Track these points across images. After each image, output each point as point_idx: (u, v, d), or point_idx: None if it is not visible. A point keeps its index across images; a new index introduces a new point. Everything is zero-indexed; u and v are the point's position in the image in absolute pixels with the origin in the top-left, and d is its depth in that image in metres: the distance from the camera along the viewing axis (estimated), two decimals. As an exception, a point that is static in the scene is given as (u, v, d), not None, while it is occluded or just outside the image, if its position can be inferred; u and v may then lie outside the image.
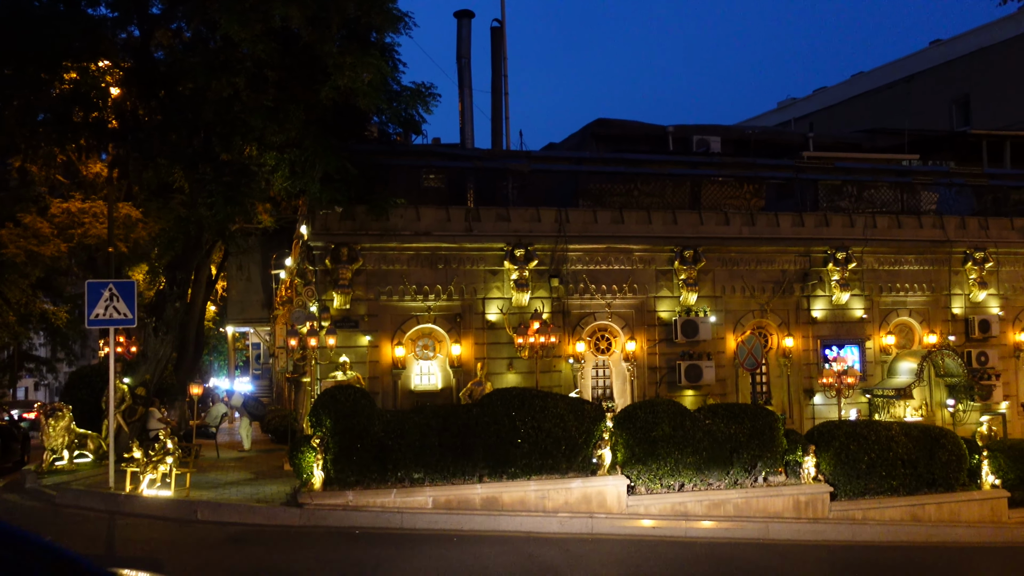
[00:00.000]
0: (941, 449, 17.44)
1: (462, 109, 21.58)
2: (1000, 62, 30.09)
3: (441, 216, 18.51)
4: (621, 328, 19.36)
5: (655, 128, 23.86)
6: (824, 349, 20.27)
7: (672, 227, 19.63)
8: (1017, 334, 21.86)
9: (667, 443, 15.96)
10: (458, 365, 18.42)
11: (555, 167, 20.45)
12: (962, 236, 21.45)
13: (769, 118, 40.95)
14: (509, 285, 18.62)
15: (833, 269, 20.27)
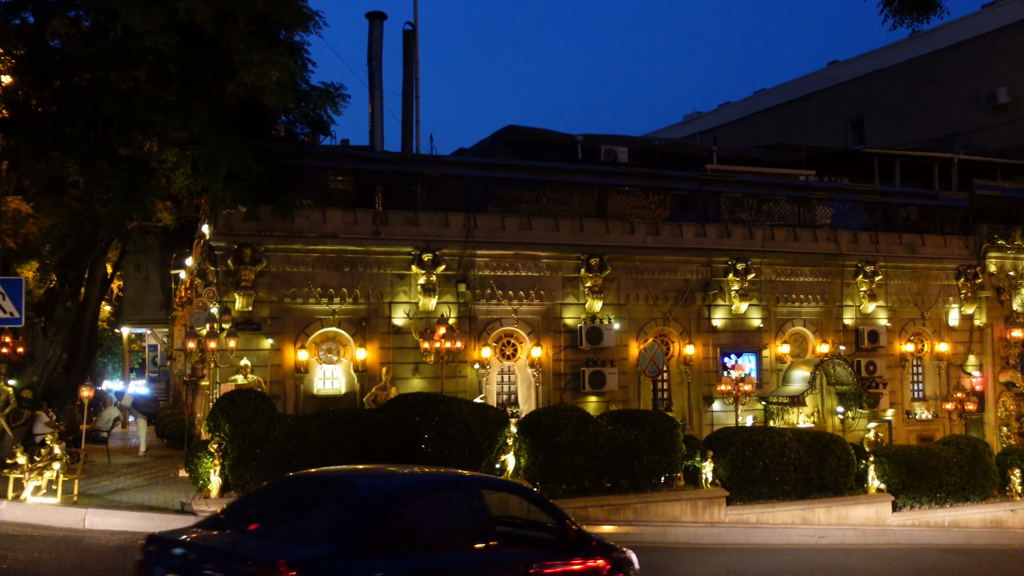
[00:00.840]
0: (831, 455, 18.12)
1: (372, 111, 21.38)
2: (892, 85, 31.50)
3: (348, 218, 18.29)
4: (527, 334, 19.48)
5: (564, 137, 24.11)
6: (723, 357, 20.81)
7: (579, 235, 19.87)
8: (903, 344, 22.86)
9: (570, 449, 16.12)
10: (363, 370, 18.22)
11: (465, 172, 20.46)
12: (854, 250, 22.33)
13: (675, 131, 41.86)
14: (416, 290, 18.53)
15: (733, 279, 20.84)
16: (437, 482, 7.42)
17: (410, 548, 6.29)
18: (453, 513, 6.82)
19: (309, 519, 6.37)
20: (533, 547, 7.35)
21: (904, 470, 18.75)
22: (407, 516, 6.46)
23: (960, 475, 19.18)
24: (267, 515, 6.74)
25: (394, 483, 6.95)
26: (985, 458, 19.83)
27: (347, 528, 6.05)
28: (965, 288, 23.35)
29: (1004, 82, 27.32)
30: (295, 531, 6.21)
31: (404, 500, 6.67)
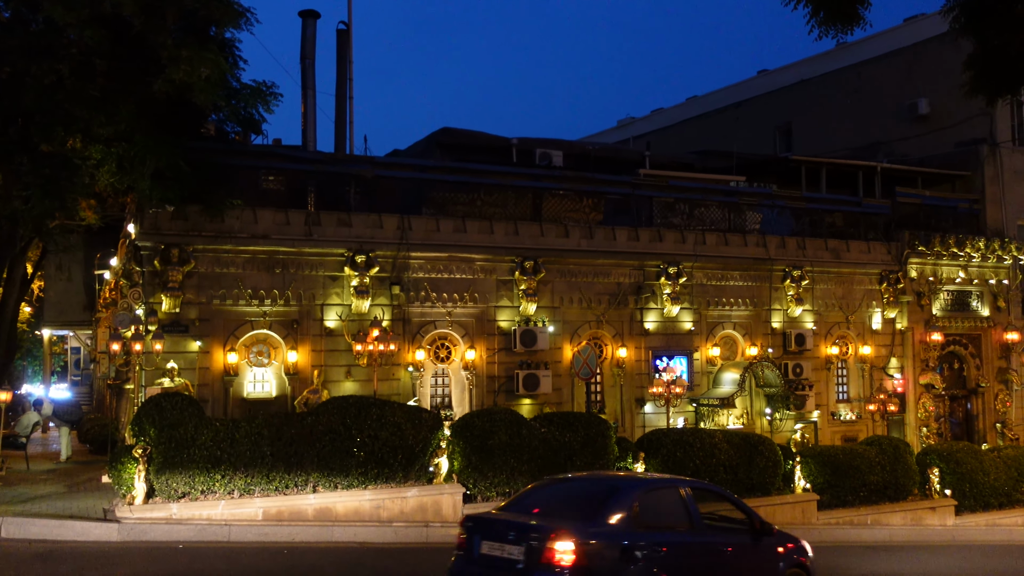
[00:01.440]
0: (759, 455, 18.46)
1: (305, 111, 21.10)
2: (819, 94, 32.31)
3: (280, 219, 18.02)
4: (461, 337, 19.44)
5: (500, 140, 24.13)
6: (655, 360, 21.06)
7: (514, 238, 19.91)
8: (829, 347, 23.45)
9: (503, 451, 16.12)
10: (294, 372, 17.96)
11: (399, 174, 20.33)
12: (782, 255, 22.83)
13: (609, 135, 42.26)
14: (349, 291, 18.34)
15: (665, 283, 21.11)
16: (658, 481, 10.52)
17: (644, 527, 9.11)
18: (671, 504, 9.56)
19: (573, 506, 9.25)
20: (730, 533, 10.08)
21: (829, 470, 19.20)
22: (640, 504, 9.23)
23: (882, 474, 19.73)
24: (542, 504, 9.53)
25: (629, 481, 10.22)
26: (906, 458, 20.42)
27: (602, 511, 8.93)
28: (887, 293, 24.05)
29: (925, 94, 28.23)
30: (565, 513, 9.03)
31: (638, 492, 9.46)
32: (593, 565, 8.42)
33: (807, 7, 10.20)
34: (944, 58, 23.50)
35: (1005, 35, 9.49)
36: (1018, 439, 25.20)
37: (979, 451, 22.02)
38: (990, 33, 9.61)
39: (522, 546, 8.57)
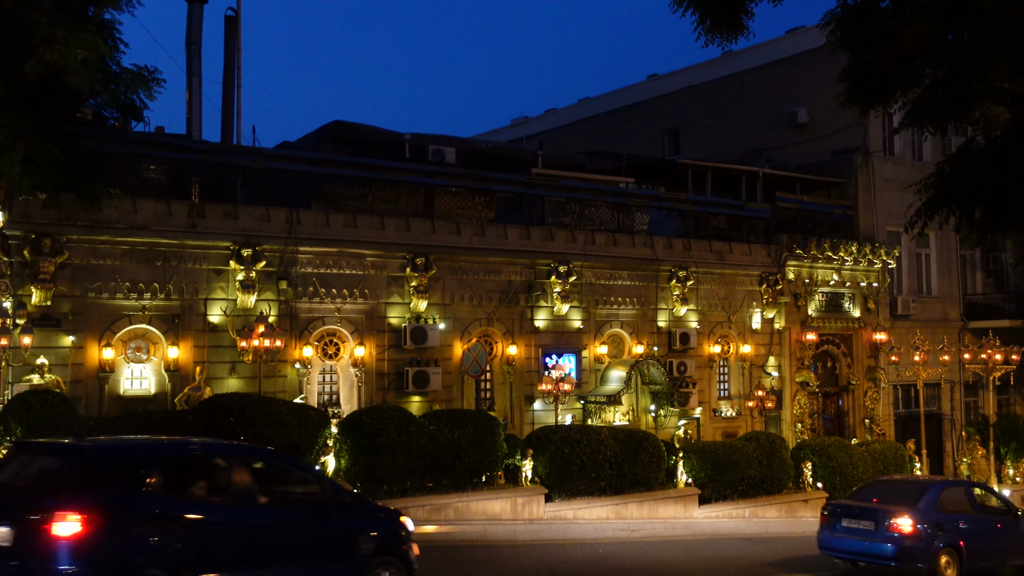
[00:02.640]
0: (644, 451, 18.91)
1: (190, 99, 20.36)
2: (706, 100, 33.22)
3: (162, 210, 17.35)
4: (351, 333, 19.17)
5: (392, 135, 23.90)
6: (545, 357, 21.26)
7: (405, 234, 19.75)
8: (711, 346, 24.17)
9: (392, 449, 16.02)
10: (175, 369, 17.34)
11: (288, 166, 19.87)
12: (668, 255, 23.40)
13: (503, 134, 42.43)
14: (234, 286, 17.83)
15: (555, 282, 21.34)
16: (953, 482, 16.36)
17: (946, 511, 14.28)
18: (961, 497, 15.08)
19: (901, 498, 14.48)
20: (998, 515, 15.82)
21: (710, 465, 19.82)
22: (943, 496, 14.52)
23: (760, 469, 20.49)
24: (877, 496, 14.89)
25: (935, 481, 16.15)
26: (782, 452, 21.27)
27: (921, 500, 14.22)
28: (767, 294, 24.96)
29: (804, 103, 29.39)
30: (897, 501, 14.30)
31: (941, 488, 14.85)
32: (919, 533, 13.71)
33: (694, 14, 10.49)
34: (822, 69, 24.47)
35: (877, 50, 9.98)
36: (884, 434, 26.59)
37: (849, 445, 23.14)
38: (863, 47, 10.10)
39: (872, 520, 14.02)
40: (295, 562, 8.77)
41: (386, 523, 9.95)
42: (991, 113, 9.78)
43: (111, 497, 7.49)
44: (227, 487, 8.57)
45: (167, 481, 7.96)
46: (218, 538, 8.22)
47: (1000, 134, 9.11)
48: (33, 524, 7.10)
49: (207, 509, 8.23)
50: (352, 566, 9.25)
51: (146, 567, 7.46)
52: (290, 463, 10.19)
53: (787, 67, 30.27)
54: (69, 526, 7.03)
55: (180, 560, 7.70)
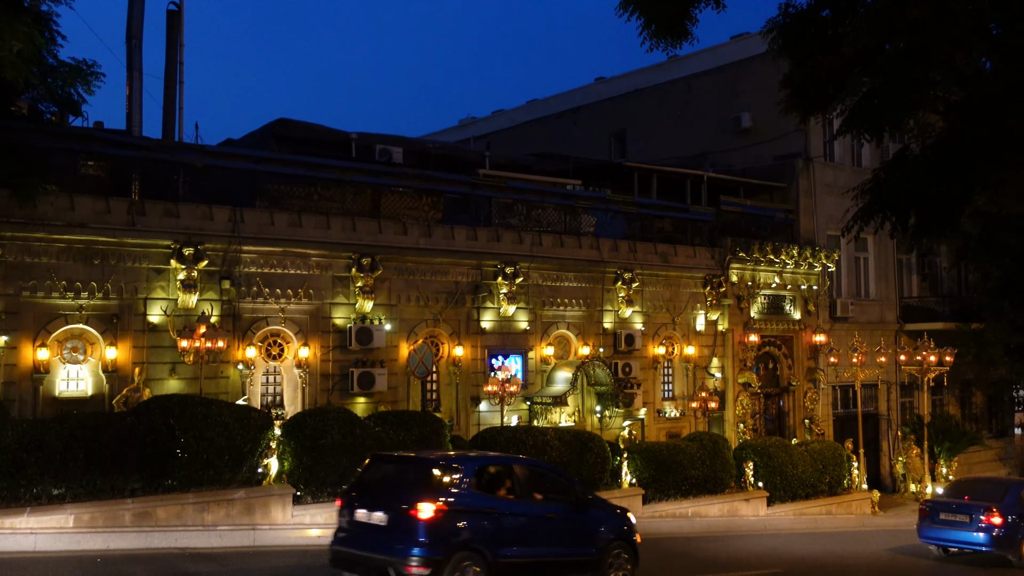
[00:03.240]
0: (589, 452, 19.04)
1: (130, 94, 19.94)
2: (652, 103, 33.56)
3: (100, 207, 16.96)
4: (295, 334, 18.95)
5: (339, 134, 23.68)
6: (491, 358, 21.27)
7: (351, 234, 19.60)
8: (656, 347, 24.40)
9: (336, 451, 15.90)
10: (113, 370, 16.95)
11: (232, 164, 19.56)
12: (614, 257, 23.58)
13: (450, 134, 42.34)
14: (175, 285, 17.51)
15: (502, 283, 21.36)
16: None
17: None
18: None
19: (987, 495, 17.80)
20: None
21: (654, 465, 20.04)
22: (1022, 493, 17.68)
23: (703, 468, 20.77)
24: (968, 494, 18.11)
25: (1014, 481, 19.79)
26: (724, 452, 21.60)
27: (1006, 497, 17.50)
28: (711, 296, 25.30)
29: (748, 108, 29.85)
30: (984, 498, 17.59)
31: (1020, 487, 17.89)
32: (1006, 523, 17.02)
33: (640, 19, 10.58)
34: (765, 75, 24.85)
35: (816, 58, 10.19)
36: (824, 434, 27.14)
37: (789, 445, 23.59)
38: (803, 55, 10.30)
39: (968, 515, 17.39)
40: (559, 543, 12.14)
41: (618, 517, 13.14)
42: (926, 121, 10.05)
43: (448, 493, 11.05)
44: (514, 488, 12.00)
45: (478, 483, 11.59)
46: (510, 523, 11.66)
47: (934, 142, 9.38)
48: (402, 511, 10.83)
49: (502, 503, 11.73)
50: (596, 548, 12.49)
51: (469, 540, 11.03)
52: (554, 471, 13.51)
53: (731, 72, 30.73)
54: (424, 512, 10.70)
55: (487, 536, 11.24)
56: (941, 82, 9.76)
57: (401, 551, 10.63)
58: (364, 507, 11.26)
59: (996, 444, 33.28)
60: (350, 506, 11.49)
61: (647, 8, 10.34)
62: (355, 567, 11.25)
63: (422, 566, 10.54)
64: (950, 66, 8.89)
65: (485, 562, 11.00)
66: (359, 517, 11.28)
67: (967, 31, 8.68)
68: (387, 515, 10.95)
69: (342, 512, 11.61)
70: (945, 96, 10.18)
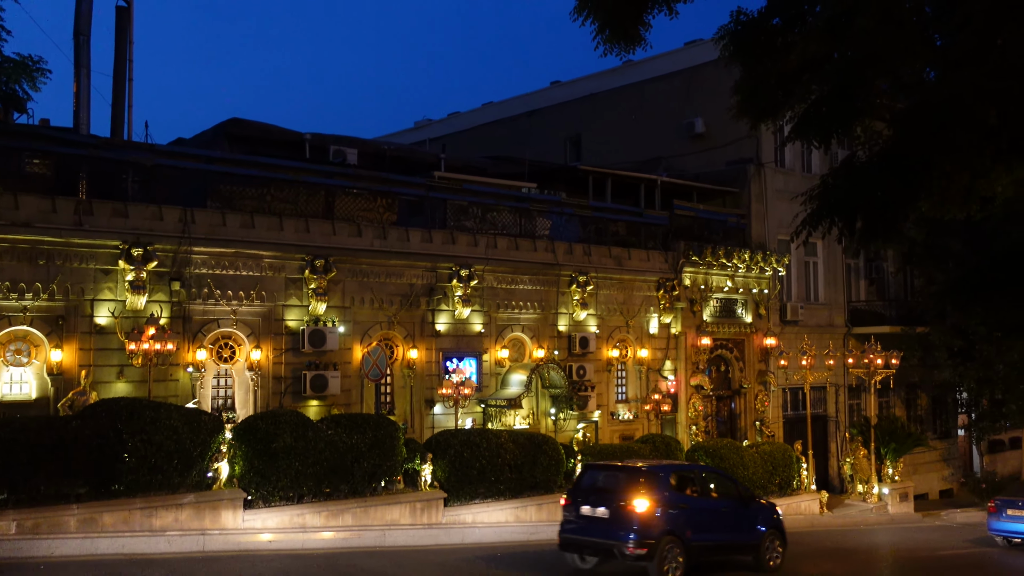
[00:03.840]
0: (543, 454, 19.10)
1: (77, 91, 19.55)
2: (607, 108, 33.78)
3: (46, 206, 16.60)
4: (247, 336, 18.73)
5: (292, 134, 23.47)
6: (446, 361, 21.22)
7: (304, 235, 19.43)
8: (610, 350, 24.56)
9: (288, 454, 15.75)
10: (58, 373, 16.60)
11: (183, 164, 19.29)
12: (569, 260, 23.69)
13: (406, 136, 42.19)
14: (124, 286, 17.20)
15: (457, 285, 21.33)
16: None
17: None
18: None
19: None
20: None
21: (608, 467, 20.11)
22: None
23: (655, 470, 20.90)
24: None
25: None
26: (677, 454, 21.80)
27: None
28: (664, 299, 25.52)
29: (701, 113, 30.18)
30: None
31: None
32: None
33: (594, 24, 10.65)
34: (718, 81, 25.08)
35: (767, 65, 10.35)
36: (774, 435, 27.52)
37: (740, 447, 23.88)
38: (754, 62, 10.45)
39: None
40: (730, 530, 15.39)
41: (770, 510, 16.31)
42: (873, 129, 10.25)
43: (654, 493, 14.17)
44: (697, 488, 15.37)
45: (674, 485, 14.83)
46: (696, 514, 14.74)
47: (880, 149, 9.57)
48: (620, 507, 14.04)
49: (691, 500, 14.96)
50: (755, 535, 15.64)
51: (671, 528, 14.06)
52: (724, 475, 17.07)
53: (685, 78, 31.04)
54: (639, 507, 13.93)
55: (682, 525, 14.31)
56: (887, 90, 9.98)
57: (623, 536, 13.82)
58: (588, 504, 14.48)
59: (940, 445, 34.06)
60: (576, 504, 14.71)
61: (601, 13, 10.41)
62: (584, 549, 14.71)
63: (639, 547, 13.70)
64: (895, 75, 9.10)
65: (682, 544, 14.16)
66: (584, 512, 14.48)
67: (912, 41, 8.88)
68: (608, 510, 14.14)
69: (569, 508, 14.81)
70: (891, 104, 10.40)
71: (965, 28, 8.73)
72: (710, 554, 15.11)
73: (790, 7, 10.42)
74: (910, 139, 8.93)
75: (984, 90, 8.47)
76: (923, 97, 9.12)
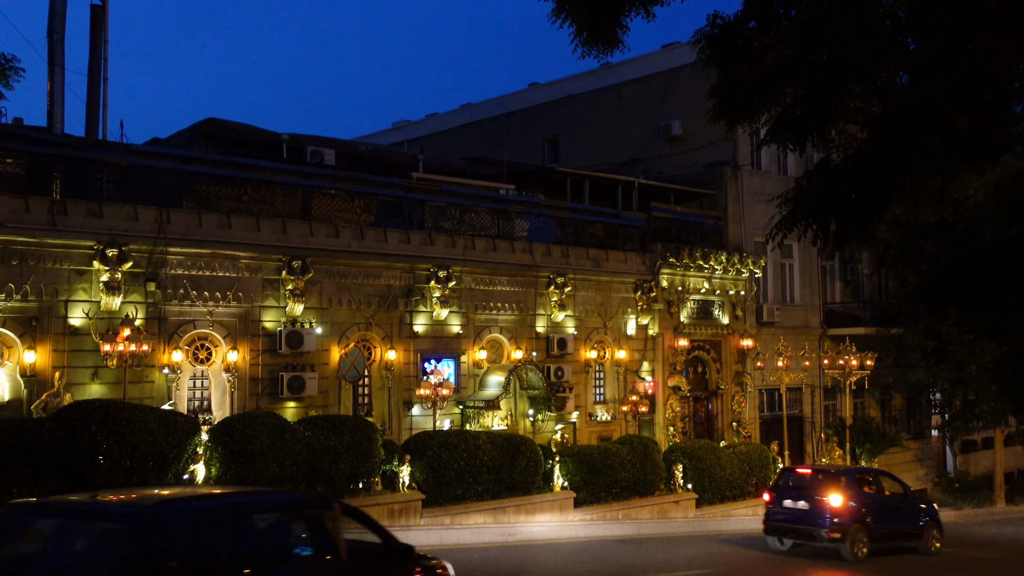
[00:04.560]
0: (521, 456, 19.13)
1: (51, 90, 19.36)
2: (585, 110, 33.91)
3: (19, 206, 16.43)
4: (223, 337, 18.63)
5: (269, 134, 23.37)
6: (424, 362, 21.20)
7: (282, 236, 19.35)
8: (588, 351, 24.64)
9: (265, 456, 15.69)
10: (32, 374, 16.42)
11: (158, 163, 19.15)
12: (547, 262, 23.74)
13: (384, 137, 42.12)
14: (98, 287, 17.06)
15: (435, 286, 21.32)
16: None
17: None
18: None
19: None
20: None
21: (585, 468, 20.22)
22: None
23: (633, 471, 21.04)
24: None
25: None
26: (654, 455, 21.90)
27: None
28: (641, 300, 25.64)
29: (678, 116, 30.36)
30: None
31: None
32: None
33: (571, 26, 10.67)
34: (695, 84, 25.23)
35: (743, 68, 10.41)
36: (750, 436, 27.72)
37: (717, 448, 24.04)
38: (730, 66, 10.50)
39: None
40: (900, 520, 18.88)
41: (929, 505, 20.31)
42: (847, 132, 10.35)
43: (846, 490, 17.83)
44: (875, 486, 18.91)
45: (857, 483, 18.42)
46: (876, 508, 18.20)
47: (854, 152, 9.67)
48: (819, 501, 17.67)
49: (870, 496, 18.43)
50: (919, 525, 19.21)
51: (858, 518, 17.60)
52: (893, 477, 20.32)
53: (662, 81, 31.20)
54: (835, 502, 17.53)
55: (865, 515, 17.83)
56: (860, 94, 10.08)
57: (822, 523, 17.47)
58: (790, 499, 18.21)
59: (914, 445, 34.45)
60: (779, 498, 18.43)
61: (579, 15, 10.43)
62: (787, 534, 18.39)
63: (834, 532, 17.32)
64: (869, 79, 9.19)
65: (867, 531, 17.74)
66: (786, 505, 18.14)
67: (885, 46, 8.97)
68: (808, 503, 17.81)
69: (774, 502, 18.50)
70: (865, 108, 10.51)
71: (937, 33, 8.83)
72: (886, 540, 18.39)
73: (766, 11, 10.48)
74: (883, 143, 9.01)
75: (955, 94, 8.57)
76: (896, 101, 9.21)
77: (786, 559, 18.05)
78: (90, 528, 6.63)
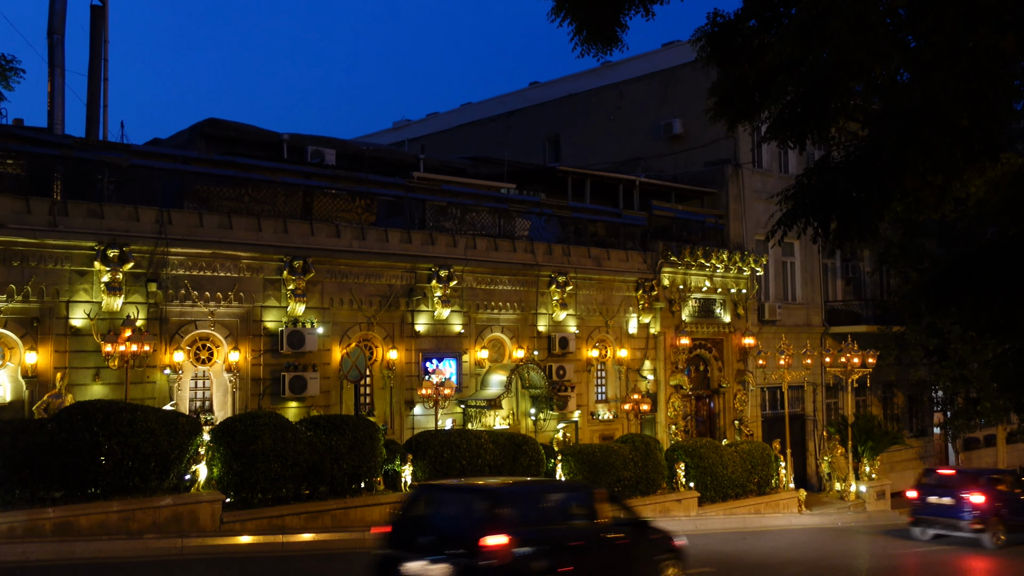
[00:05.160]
0: (523, 455, 19.13)
1: (51, 90, 19.38)
2: (585, 109, 33.89)
3: (20, 207, 16.44)
4: (225, 337, 18.64)
5: (270, 134, 23.38)
6: (425, 362, 21.20)
7: (283, 236, 19.35)
8: (590, 350, 24.63)
9: (267, 456, 15.70)
10: (33, 375, 16.43)
11: (159, 164, 19.14)
12: (548, 261, 23.73)
13: (384, 136, 42.11)
14: (100, 288, 17.07)
15: (436, 286, 21.32)
16: None
17: None
18: None
19: None
20: None
21: (587, 467, 20.21)
22: None
23: (635, 470, 21.03)
24: None
25: None
26: (656, 454, 21.90)
27: None
28: (643, 299, 25.62)
29: (679, 115, 30.33)
30: None
31: None
32: None
33: (571, 25, 10.68)
34: (696, 82, 25.29)
35: (743, 67, 10.41)
36: (752, 435, 27.71)
37: (719, 446, 24.04)
38: (730, 64, 10.51)
39: None
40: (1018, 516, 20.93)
41: None
42: (848, 130, 10.35)
43: (985, 488, 20.48)
44: (1007, 486, 20.94)
45: (995, 482, 20.97)
46: (1008, 504, 20.64)
47: (854, 150, 9.66)
48: (963, 497, 20.30)
49: (1004, 494, 20.78)
50: None
51: (997, 513, 20.37)
52: (1018, 475, 22.57)
53: (663, 79, 31.18)
54: (977, 499, 20.33)
55: (1004, 510, 20.46)
56: (861, 92, 10.07)
57: (966, 516, 20.23)
58: (934, 495, 20.83)
59: (916, 443, 34.43)
60: (925, 495, 21.09)
61: (578, 14, 10.45)
62: (933, 525, 21.02)
63: (976, 523, 20.10)
64: (869, 77, 9.18)
65: (1004, 523, 20.38)
66: (931, 500, 20.69)
67: (886, 43, 8.96)
68: (953, 499, 20.42)
69: (920, 498, 21.19)
70: (865, 105, 10.50)
71: (937, 31, 8.83)
72: (1018, 530, 20.63)
73: (766, 9, 10.48)
74: (884, 140, 9.01)
75: (956, 92, 8.57)
76: (896, 99, 9.20)
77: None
78: (463, 498, 11.50)
